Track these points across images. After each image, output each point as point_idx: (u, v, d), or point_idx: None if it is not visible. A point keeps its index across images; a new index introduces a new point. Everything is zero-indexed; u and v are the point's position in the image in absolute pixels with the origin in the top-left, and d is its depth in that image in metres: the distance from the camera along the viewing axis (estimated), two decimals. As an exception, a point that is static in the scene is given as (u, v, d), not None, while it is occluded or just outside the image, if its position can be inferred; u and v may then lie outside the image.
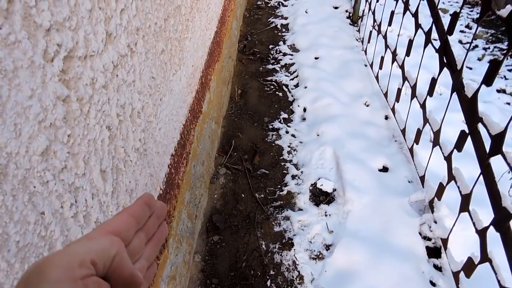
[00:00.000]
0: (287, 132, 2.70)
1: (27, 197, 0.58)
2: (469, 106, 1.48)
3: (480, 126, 1.44)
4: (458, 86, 1.58)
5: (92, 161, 0.79)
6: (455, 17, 1.59)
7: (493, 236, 1.37)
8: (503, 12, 1.26)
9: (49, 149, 0.63)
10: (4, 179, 0.53)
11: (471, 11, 4.21)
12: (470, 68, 3.27)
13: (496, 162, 1.37)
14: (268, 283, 1.81)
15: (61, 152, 0.67)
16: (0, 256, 0.52)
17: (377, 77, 2.97)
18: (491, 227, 1.35)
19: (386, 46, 2.71)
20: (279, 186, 2.31)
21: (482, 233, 1.41)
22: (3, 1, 0.52)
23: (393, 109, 2.60)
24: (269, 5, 4.51)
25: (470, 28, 3.89)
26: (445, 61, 1.72)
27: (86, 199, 0.76)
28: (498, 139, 1.28)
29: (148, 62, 1.11)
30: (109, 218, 0.40)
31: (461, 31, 3.85)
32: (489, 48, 3.55)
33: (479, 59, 3.39)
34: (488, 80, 1.32)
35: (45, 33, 0.61)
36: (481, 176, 1.43)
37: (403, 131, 2.39)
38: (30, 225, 0.58)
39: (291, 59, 3.48)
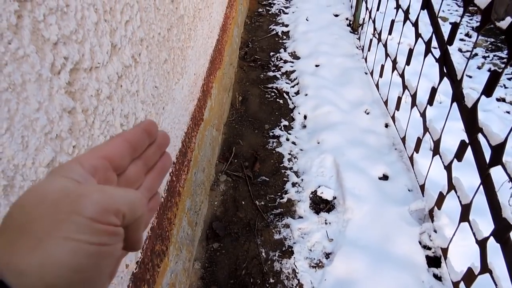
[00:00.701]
0: (287, 139, 2.71)
1: (33, 208, 0.58)
2: (469, 116, 1.49)
3: (480, 136, 1.45)
4: (458, 96, 1.60)
5: (96, 171, 0.79)
6: (455, 27, 1.61)
7: (493, 247, 1.37)
8: (503, 24, 1.27)
9: (55, 160, 0.64)
10: (11, 191, 0.54)
11: (471, 19, 4.23)
12: (470, 77, 3.29)
13: (496, 171, 1.38)
14: (268, 291, 1.82)
15: (66, 163, 0.67)
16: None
17: (377, 85, 2.98)
18: (491, 238, 1.36)
19: (387, 55, 2.73)
20: (279, 194, 2.32)
21: (482, 244, 1.41)
22: (13, 17, 0.53)
23: (393, 117, 2.61)
24: (270, 12, 4.54)
25: (470, 37, 3.91)
26: (445, 71, 1.74)
27: (89, 209, 0.77)
28: (498, 150, 1.29)
29: (151, 72, 1.12)
30: (102, 142, 0.38)
31: (461, 40, 3.87)
32: (488, 56, 3.57)
33: (479, 68, 3.41)
34: (488, 90, 1.33)
35: (52, 46, 0.62)
36: (481, 186, 1.43)
37: (403, 140, 2.40)
38: (36, 236, 0.59)
39: (291, 67, 3.50)
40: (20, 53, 0.54)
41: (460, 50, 3.71)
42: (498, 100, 2.99)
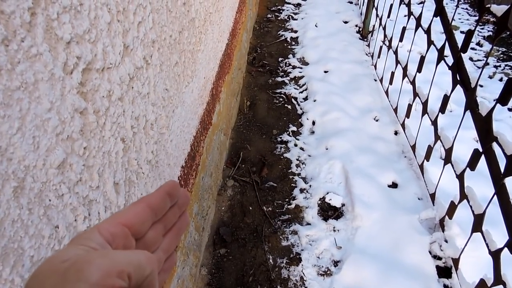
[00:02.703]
0: (295, 145, 2.68)
1: (43, 210, 0.57)
2: (483, 125, 1.47)
3: (494, 145, 1.42)
4: (472, 105, 1.57)
5: (106, 174, 0.78)
6: (469, 35, 1.58)
7: (507, 258, 1.34)
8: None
9: (66, 162, 0.62)
10: (21, 193, 0.52)
11: (482, 28, 4.20)
12: (481, 86, 3.25)
13: (511, 181, 1.35)
14: (275, 298, 1.79)
15: (77, 165, 0.66)
16: (14, 271, 0.51)
17: (386, 92, 2.96)
18: (505, 249, 1.32)
19: (397, 62, 2.70)
20: (287, 200, 2.29)
21: (495, 255, 1.38)
22: (26, 14, 0.51)
23: (403, 125, 2.58)
24: (279, 18, 4.54)
25: (481, 46, 3.88)
26: (458, 78, 1.71)
27: (99, 212, 0.76)
28: (513, 159, 1.26)
29: (162, 74, 1.11)
30: (125, 207, 0.38)
31: (472, 49, 3.84)
32: (500, 66, 3.53)
33: (490, 77, 3.38)
34: (503, 99, 1.31)
35: (65, 45, 0.61)
36: (495, 196, 1.40)
37: (413, 147, 2.37)
38: (45, 239, 0.57)
39: (300, 72, 3.49)
40: (33, 51, 0.53)
41: (471, 59, 3.67)
42: (510, 110, 2.95)
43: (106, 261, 0.29)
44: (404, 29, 2.53)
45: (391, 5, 2.92)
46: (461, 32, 4.04)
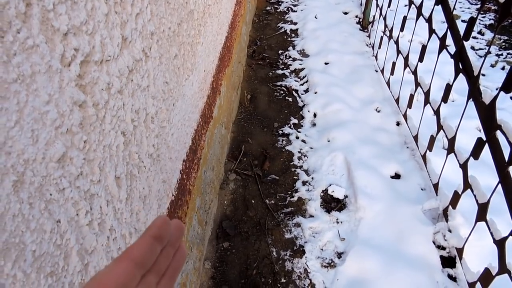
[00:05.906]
0: (297, 137, 2.67)
1: (44, 205, 0.56)
2: (487, 113, 1.45)
3: (498, 133, 1.40)
4: (475, 93, 1.55)
5: (107, 168, 0.77)
6: (471, 22, 1.57)
7: (511, 247, 1.33)
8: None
9: (66, 155, 0.62)
10: (21, 187, 0.51)
11: (483, 17, 4.17)
12: (483, 75, 3.23)
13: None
14: (279, 291, 1.79)
15: (77, 159, 0.65)
16: (16, 266, 0.50)
17: (388, 83, 2.94)
18: (510, 237, 1.32)
19: (398, 52, 2.68)
20: (289, 192, 2.29)
21: (500, 244, 1.37)
22: (21, 5, 0.50)
23: (405, 115, 2.57)
24: (278, 10, 4.51)
25: (483, 34, 3.85)
26: (460, 67, 1.70)
27: (101, 206, 0.75)
28: (518, 147, 1.25)
29: (162, 67, 1.10)
30: (107, 266, 0.34)
31: (473, 37, 3.81)
32: (502, 54, 3.50)
33: (492, 66, 3.35)
34: (507, 86, 1.29)
35: (62, 37, 0.60)
36: (499, 185, 1.39)
37: (416, 138, 2.36)
38: (46, 234, 0.57)
39: (300, 64, 3.47)
40: (29, 42, 0.52)
41: (472, 48, 3.64)
42: (512, 98, 2.93)
43: None
44: (405, 18, 2.50)
45: (392, -5, 2.90)
46: (462, 21, 4.00)
